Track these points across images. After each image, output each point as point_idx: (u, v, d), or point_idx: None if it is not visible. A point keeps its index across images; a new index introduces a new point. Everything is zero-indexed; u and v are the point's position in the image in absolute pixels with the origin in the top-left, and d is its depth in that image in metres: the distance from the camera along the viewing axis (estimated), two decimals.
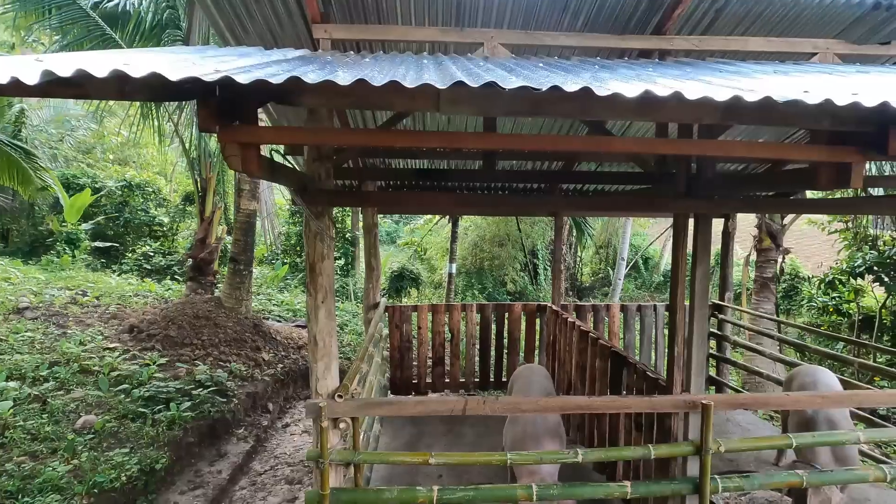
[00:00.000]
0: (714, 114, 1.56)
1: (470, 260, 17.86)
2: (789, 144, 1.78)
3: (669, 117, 1.54)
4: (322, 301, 2.69)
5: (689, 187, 2.80)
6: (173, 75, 1.33)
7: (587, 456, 2.72)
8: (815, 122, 1.64)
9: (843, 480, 2.87)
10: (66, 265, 11.04)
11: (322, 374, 2.71)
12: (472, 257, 17.92)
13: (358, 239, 17.13)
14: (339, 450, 2.72)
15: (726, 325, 5.76)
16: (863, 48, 3.17)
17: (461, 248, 17.42)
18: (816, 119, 1.63)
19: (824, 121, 1.63)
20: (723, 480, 2.81)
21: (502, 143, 1.90)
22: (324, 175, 2.65)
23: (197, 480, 4.11)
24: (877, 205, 3.09)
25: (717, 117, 1.60)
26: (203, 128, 1.52)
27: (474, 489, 2.72)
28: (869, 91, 1.63)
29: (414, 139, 1.96)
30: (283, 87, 1.41)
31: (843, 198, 3.08)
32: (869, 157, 1.73)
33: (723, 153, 1.77)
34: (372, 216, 5.33)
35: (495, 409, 2.75)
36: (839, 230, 9.44)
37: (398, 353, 5.69)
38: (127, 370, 5.05)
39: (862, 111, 1.49)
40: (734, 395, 2.95)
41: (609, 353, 3.85)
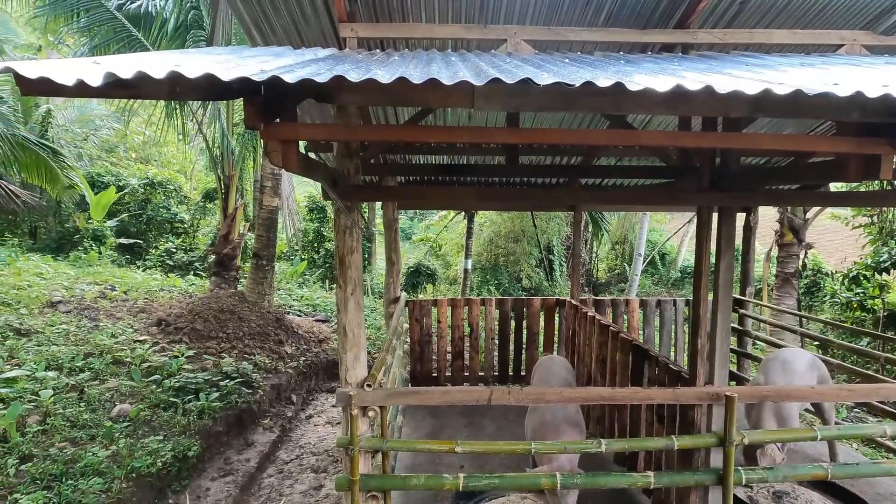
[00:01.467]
0: (743, 107, 1.59)
1: (485, 256, 17.90)
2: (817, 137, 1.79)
3: (698, 111, 1.57)
4: (351, 293, 2.77)
5: (713, 181, 2.81)
6: (224, 76, 1.41)
7: (610, 446, 2.76)
8: (844, 114, 1.65)
9: (869, 474, 2.87)
10: (93, 261, 11.37)
11: (351, 364, 2.79)
12: (487, 253, 17.95)
13: (374, 235, 17.29)
14: (368, 437, 2.80)
15: (747, 321, 5.72)
16: (890, 39, 3.14)
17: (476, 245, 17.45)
18: (846, 111, 1.65)
19: (854, 113, 1.65)
20: (746, 472, 2.83)
21: (529, 137, 1.95)
22: (352, 171, 2.72)
23: (226, 468, 4.25)
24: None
25: (745, 110, 1.62)
26: (248, 125, 1.59)
27: (499, 477, 2.78)
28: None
29: (445, 134, 2.01)
30: (326, 85, 1.48)
31: (869, 191, 3.05)
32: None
33: (750, 146, 1.80)
34: (392, 211, 5.40)
35: (520, 398, 2.81)
36: (863, 224, 9.26)
37: (418, 346, 5.78)
38: (157, 361, 5.22)
39: (893, 103, 1.51)
40: (758, 388, 2.96)
41: (630, 346, 3.88)
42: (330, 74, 1.44)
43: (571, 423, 3.14)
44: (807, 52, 3.22)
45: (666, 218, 21.94)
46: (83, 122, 16.72)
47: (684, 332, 5.87)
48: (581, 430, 3.20)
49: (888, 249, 8.10)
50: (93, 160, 16.49)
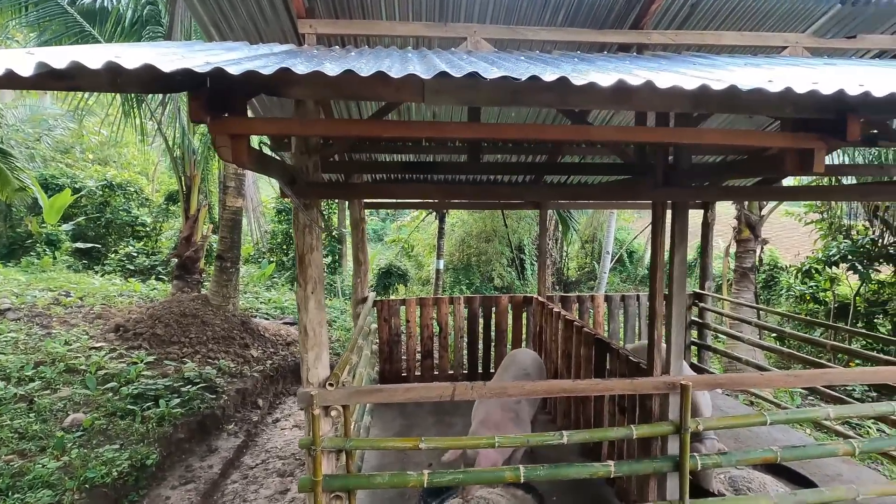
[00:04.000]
0: (684, 102, 1.65)
1: (457, 256, 17.96)
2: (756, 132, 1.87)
3: (643, 106, 1.63)
4: (312, 291, 2.74)
5: (667, 177, 2.90)
6: (166, 67, 1.37)
7: (572, 437, 2.82)
8: (778, 110, 1.74)
9: (815, 455, 3.01)
10: (47, 267, 10.87)
11: (313, 364, 2.76)
12: (459, 253, 18.03)
13: (345, 236, 17.11)
14: (331, 437, 2.77)
15: (707, 314, 5.92)
16: (830, 42, 3.30)
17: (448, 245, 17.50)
18: (779, 107, 1.73)
19: (787, 108, 1.73)
20: (702, 458, 2.93)
21: (486, 132, 1.97)
22: (311, 168, 2.69)
23: (188, 475, 4.13)
24: (846, 192, 3.23)
25: (687, 106, 1.69)
26: (194, 119, 1.56)
27: (463, 472, 2.80)
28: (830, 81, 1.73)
29: (401, 129, 2.01)
30: (273, 78, 1.46)
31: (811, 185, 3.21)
32: (831, 143, 1.83)
33: (696, 140, 1.86)
34: (359, 211, 5.36)
35: (483, 393, 2.83)
36: (815, 221, 9.72)
37: (387, 346, 5.75)
38: (114, 369, 5.03)
39: (820, 98, 1.59)
40: (711, 376, 3.07)
41: (593, 340, 3.96)
42: (276, 67, 1.42)
43: (506, 408, 3.32)
44: (754, 53, 3.36)
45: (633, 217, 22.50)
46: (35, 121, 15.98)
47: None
48: (517, 416, 3.29)
49: (837, 244, 8.52)
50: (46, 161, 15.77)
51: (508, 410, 3.33)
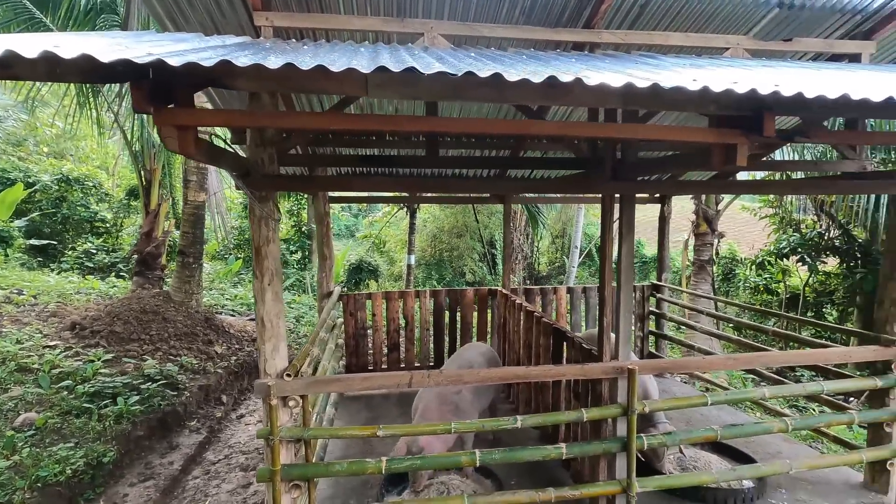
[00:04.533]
0: (614, 99, 1.75)
1: (429, 251, 18.05)
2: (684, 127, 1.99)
3: (576, 101, 1.72)
4: (268, 283, 2.75)
5: (615, 171, 3.03)
6: (105, 57, 1.39)
7: (525, 421, 2.93)
8: (702, 107, 1.86)
9: (752, 433, 3.21)
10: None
11: (270, 355, 2.78)
12: (431, 249, 18.11)
13: (314, 232, 16.93)
14: (289, 427, 2.80)
15: (664, 304, 6.16)
16: (769, 44, 3.49)
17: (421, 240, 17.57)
18: (702, 104, 1.85)
19: (710, 106, 1.86)
20: (647, 438, 3.09)
21: (438, 125, 2.03)
22: (267, 160, 2.71)
23: (147, 472, 4.08)
24: (777, 187, 3.45)
25: (618, 102, 1.79)
26: (137, 109, 1.57)
27: (420, 458, 2.88)
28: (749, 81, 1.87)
29: (353, 122, 2.05)
30: (216, 71, 1.49)
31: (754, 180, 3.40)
32: (752, 139, 1.97)
33: (629, 135, 1.97)
34: (323, 206, 5.36)
35: (440, 381, 2.91)
36: (769, 216, 10.19)
37: (353, 340, 5.77)
38: (70, 367, 4.90)
39: (736, 97, 1.72)
40: (656, 360, 3.24)
41: (551, 330, 4.09)
42: (216, 60, 1.45)
43: (444, 401, 3.38)
44: (699, 53, 3.52)
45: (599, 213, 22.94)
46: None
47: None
48: (456, 408, 3.39)
49: (787, 237, 8.96)
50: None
51: (447, 403, 3.35)
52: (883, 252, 3.41)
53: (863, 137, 2.28)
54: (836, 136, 2.12)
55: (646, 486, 3.04)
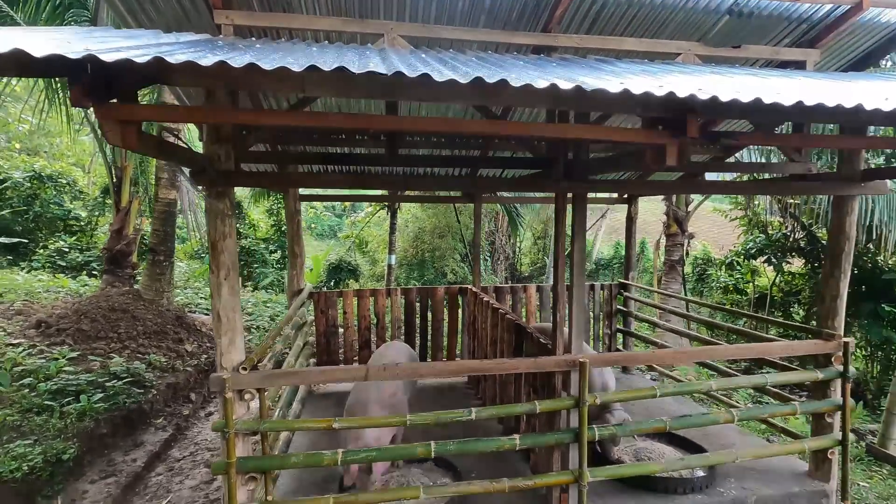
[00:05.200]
0: (544, 99, 1.84)
1: (411, 252, 18.07)
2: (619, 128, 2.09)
3: (507, 101, 1.80)
4: (225, 278, 2.79)
5: (567, 171, 3.13)
6: (37, 52, 1.43)
7: (480, 413, 3.01)
8: (630, 109, 1.96)
9: (700, 424, 3.34)
10: None
11: (226, 349, 2.81)
12: (413, 249, 18.14)
13: None
14: (245, 420, 2.84)
15: (631, 302, 6.31)
16: (719, 51, 3.63)
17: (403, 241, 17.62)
18: (629, 106, 1.95)
19: (636, 108, 1.95)
20: (599, 429, 3.20)
21: (388, 123, 2.08)
22: (223, 156, 2.74)
23: (109, 469, 4.07)
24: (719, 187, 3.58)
25: (548, 102, 1.88)
26: (75, 104, 1.61)
27: (376, 450, 2.94)
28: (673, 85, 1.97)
29: (302, 119, 2.09)
30: (151, 67, 1.54)
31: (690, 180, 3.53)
32: (680, 140, 2.07)
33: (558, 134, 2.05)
34: (294, 204, 5.38)
35: (395, 374, 2.98)
36: (738, 217, 10.46)
37: (324, 338, 5.79)
38: (32, 365, 4.85)
39: (657, 100, 1.82)
40: (608, 354, 3.35)
41: (513, 325, 4.18)
42: (150, 57, 1.50)
43: (383, 404, 3.29)
44: (651, 59, 3.64)
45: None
46: None
47: None
48: (394, 410, 3.33)
49: (754, 238, 9.22)
50: None
51: (386, 407, 3.31)
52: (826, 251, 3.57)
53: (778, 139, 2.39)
54: (755, 138, 2.23)
55: (597, 475, 3.14)
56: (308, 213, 25.83)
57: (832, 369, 3.47)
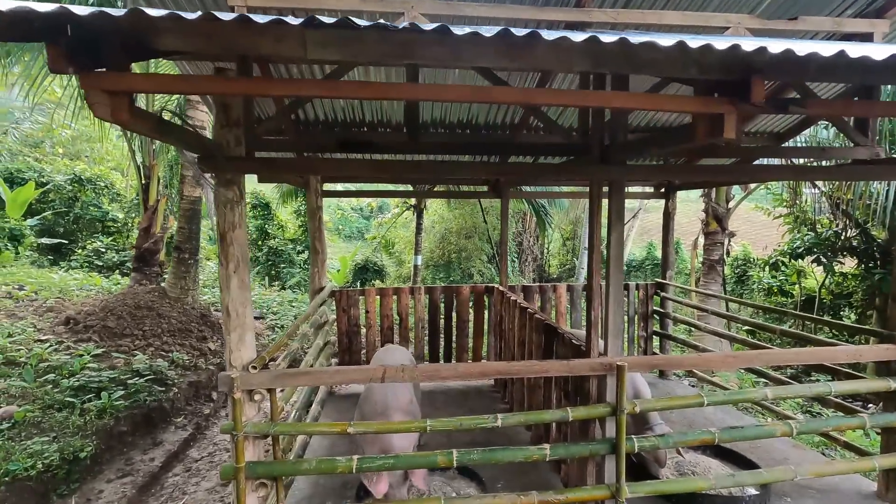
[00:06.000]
0: (581, 59, 1.58)
1: (437, 253, 17.91)
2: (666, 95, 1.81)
3: (538, 62, 1.55)
4: (234, 271, 2.63)
5: (603, 155, 2.85)
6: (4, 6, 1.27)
7: (506, 420, 2.75)
8: (682, 70, 1.68)
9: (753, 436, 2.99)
10: (8, 262, 10.55)
11: (236, 346, 2.65)
12: (439, 250, 17.97)
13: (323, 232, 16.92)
14: (255, 422, 2.67)
15: (668, 303, 5.92)
16: (773, 23, 3.27)
17: (430, 242, 17.50)
18: (682, 67, 1.67)
19: (691, 69, 1.68)
20: (638, 440, 2.89)
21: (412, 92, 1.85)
22: (233, 142, 2.58)
23: (127, 468, 4.00)
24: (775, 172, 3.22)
25: (587, 63, 1.62)
26: (53, 69, 1.45)
27: (394, 457, 2.72)
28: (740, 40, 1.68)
29: (319, 88, 1.90)
30: (134, 25, 1.37)
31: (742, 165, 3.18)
32: (740, 107, 1.78)
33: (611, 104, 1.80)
34: (315, 200, 5.25)
35: (414, 376, 2.75)
36: (783, 215, 9.84)
37: (346, 337, 5.64)
38: (57, 361, 4.85)
39: (718, 55, 1.54)
40: (647, 357, 3.04)
41: (543, 325, 3.91)
42: (128, 9, 1.32)
43: (403, 411, 3.08)
44: (696, 33, 3.32)
45: None
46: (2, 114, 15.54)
47: None
48: (413, 418, 3.12)
49: (801, 236, 8.62)
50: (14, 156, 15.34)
51: (407, 413, 3.12)
52: None
53: (861, 107, 2.05)
54: (833, 107, 1.91)
55: (637, 491, 2.84)
56: (336, 214, 26.03)
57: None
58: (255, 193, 15.55)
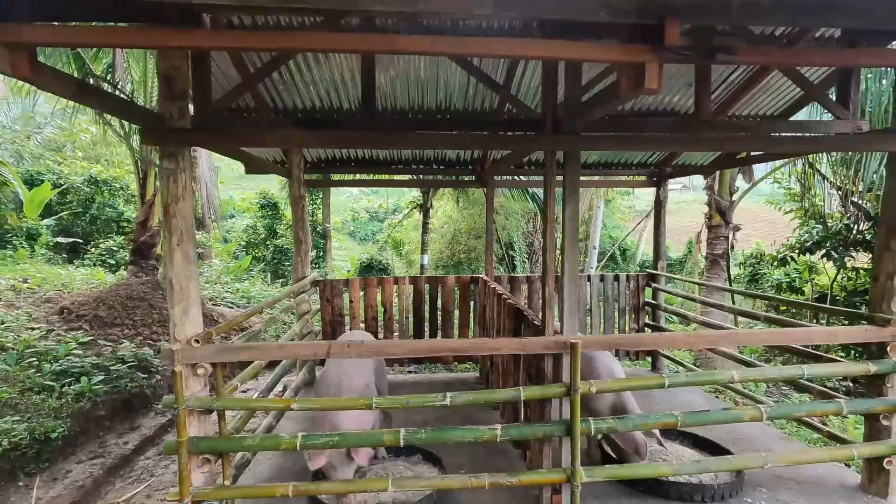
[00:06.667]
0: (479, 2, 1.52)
1: (447, 253, 17.88)
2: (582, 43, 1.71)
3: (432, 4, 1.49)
4: (178, 244, 2.62)
5: (556, 126, 2.77)
6: None
7: (455, 399, 2.67)
8: (592, 13, 1.60)
9: (720, 420, 2.85)
10: (23, 259, 10.87)
11: (179, 320, 2.64)
12: (448, 251, 17.93)
13: (330, 231, 17.04)
14: (198, 396, 2.65)
15: (660, 295, 5.74)
16: None
17: (439, 243, 17.50)
18: (592, 10, 1.59)
19: (600, 11, 1.59)
20: (595, 422, 2.78)
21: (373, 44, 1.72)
22: (176, 114, 2.58)
23: (99, 451, 4.03)
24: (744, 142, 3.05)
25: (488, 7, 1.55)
26: None
27: (339, 435, 2.67)
28: None
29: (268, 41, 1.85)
30: None
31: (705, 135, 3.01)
32: (662, 55, 1.68)
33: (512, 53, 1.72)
34: (297, 189, 5.26)
35: (360, 352, 2.70)
36: (794, 209, 9.50)
37: (329, 327, 5.61)
38: (43, 347, 4.94)
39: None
40: (605, 336, 2.94)
41: (513, 310, 3.82)
42: None
43: (356, 394, 3.03)
44: None
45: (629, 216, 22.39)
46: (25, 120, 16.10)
47: (600, 308, 5.86)
48: None
49: (808, 229, 8.30)
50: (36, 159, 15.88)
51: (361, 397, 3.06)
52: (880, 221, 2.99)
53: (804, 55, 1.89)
54: (769, 53, 1.78)
55: (594, 475, 2.73)
56: (347, 214, 26.23)
57: (888, 361, 2.88)
58: (263, 194, 15.74)
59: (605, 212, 20.65)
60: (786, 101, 4.24)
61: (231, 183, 24.23)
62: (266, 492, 2.70)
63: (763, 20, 1.67)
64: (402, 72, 3.59)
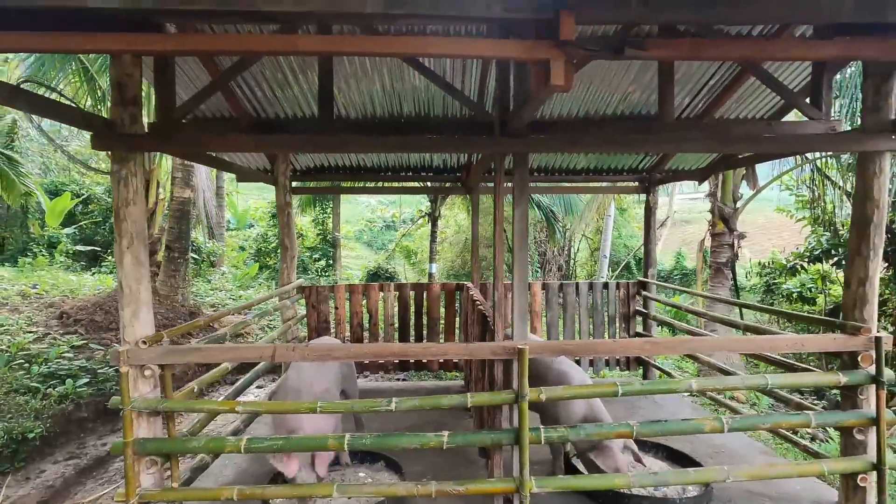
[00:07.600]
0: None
1: (458, 262, 17.88)
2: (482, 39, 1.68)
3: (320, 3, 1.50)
4: (128, 247, 2.67)
5: (504, 127, 2.74)
6: None
7: (401, 404, 2.64)
8: (485, 8, 1.58)
9: (678, 431, 2.74)
10: (42, 266, 11.26)
11: (129, 322, 2.68)
12: (459, 259, 17.93)
13: (339, 240, 17.21)
14: (144, 398, 2.68)
15: (651, 303, 5.59)
16: None
17: (450, 252, 17.50)
18: (486, 5, 1.57)
19: (495, 6, 1.57)
20: (546, 431, 2.71)
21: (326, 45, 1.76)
22: (128, 120, 2.64)
23: (77, 452, 4.10)
24: None
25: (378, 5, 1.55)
26: None
27: (284, 439, 2.66)
28: None
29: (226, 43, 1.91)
30: None
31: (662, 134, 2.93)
32: (567, 51, 1.65)
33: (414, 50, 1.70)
34: (284, 195, 5.32)
35: (305, 355, 2.70)
36: (805, 217, 9.19)
37: (315, 333, 5.63)
38: (35, 350, 5.08)
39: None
40: (556, 342, 2.86)
41: (481, 316, 3.77)
42: None
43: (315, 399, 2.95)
44: None
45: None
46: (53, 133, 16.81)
47: (588, 317, 5.73)
48: None
49: (817, 236, 8.01)
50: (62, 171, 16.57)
51: None
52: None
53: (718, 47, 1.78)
54: (679, 48, 1.71)
55: (544, 486, 2.65)
56: (360, 223, 26.48)
57: (860, 372, 2.73)
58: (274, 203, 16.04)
59: (620, 221, 20.38)
60: (770, 106, 4.14)
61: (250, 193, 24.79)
62: (212, 495, 2.70)
63: (667, 14, 1.61)
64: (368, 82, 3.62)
